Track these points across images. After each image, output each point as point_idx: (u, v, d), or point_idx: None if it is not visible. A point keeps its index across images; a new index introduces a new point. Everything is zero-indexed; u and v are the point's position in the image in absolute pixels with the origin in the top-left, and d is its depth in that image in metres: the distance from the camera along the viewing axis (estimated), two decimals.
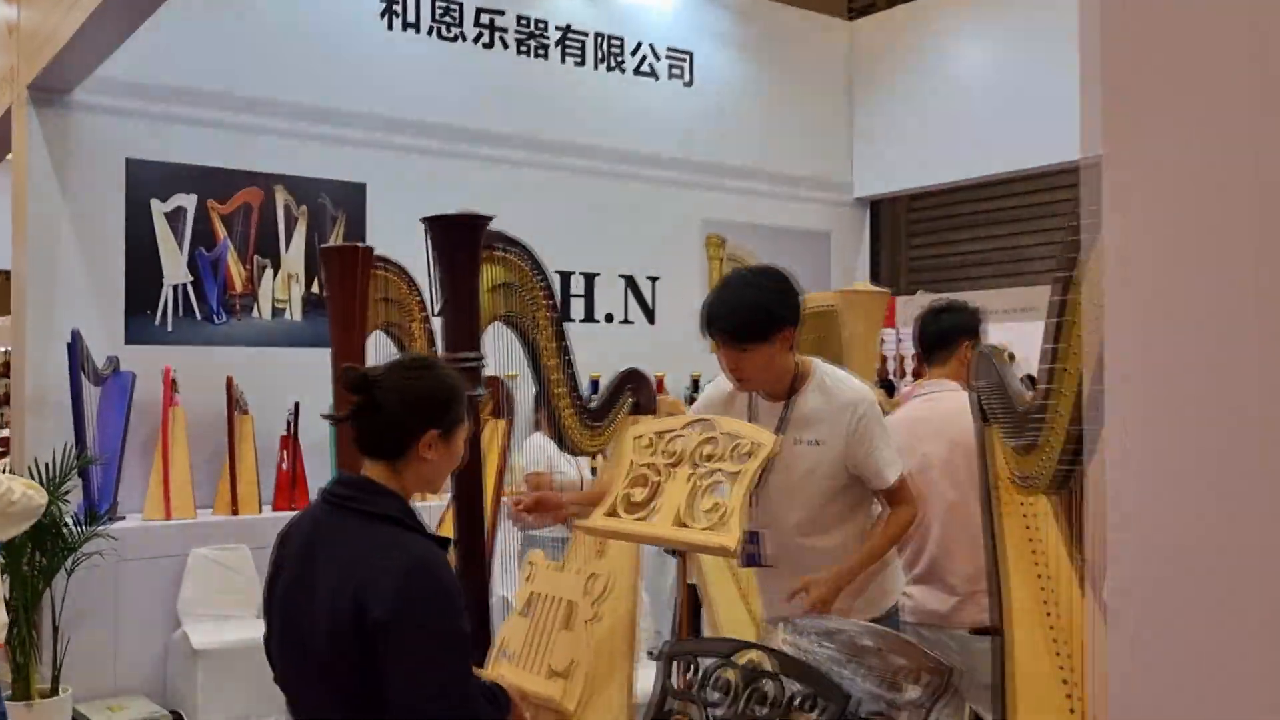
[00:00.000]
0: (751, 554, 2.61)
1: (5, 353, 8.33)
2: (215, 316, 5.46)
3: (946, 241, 10.13)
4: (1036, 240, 9.41)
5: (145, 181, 5.26)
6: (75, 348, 4.83)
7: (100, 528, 4.51)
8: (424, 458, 1.81)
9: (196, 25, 5.38)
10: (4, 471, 3.70)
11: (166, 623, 4.86)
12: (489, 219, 2.69)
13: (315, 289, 5.73)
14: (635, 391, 3.28)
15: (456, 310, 2.64)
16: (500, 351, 3.06)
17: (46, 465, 4.49)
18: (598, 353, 4.29)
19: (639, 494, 2.51)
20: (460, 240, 2.65)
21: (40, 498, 3.17)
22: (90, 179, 5.13)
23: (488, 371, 2.84)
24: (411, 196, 5.91)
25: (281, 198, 5.65)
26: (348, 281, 3.08)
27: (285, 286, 5.67)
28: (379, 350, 3.29)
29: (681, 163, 7.04)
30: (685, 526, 2.34)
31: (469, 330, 2.66)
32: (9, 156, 7.15)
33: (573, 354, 3.04)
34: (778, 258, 7.62)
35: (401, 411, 1.79)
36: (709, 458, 2.39)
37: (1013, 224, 9.52)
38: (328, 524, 1.81)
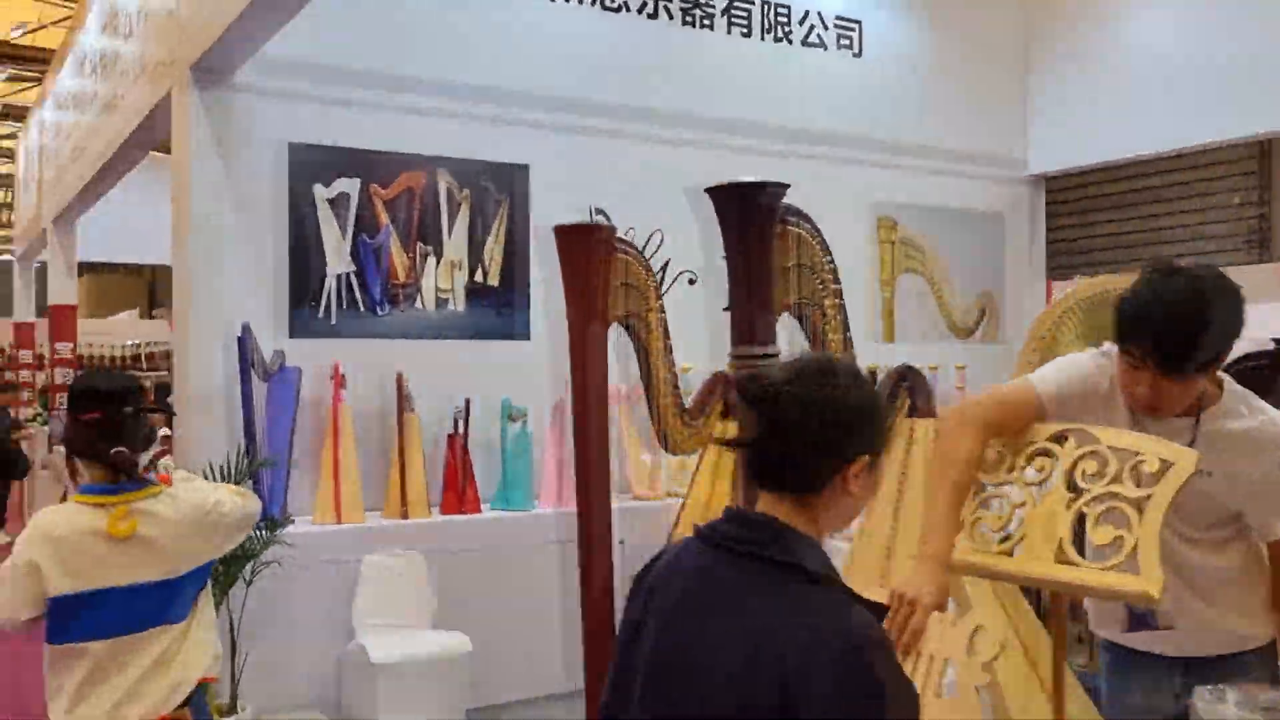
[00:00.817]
0: (1141, 612, 2.13)
1: (136, 345, 8.24)
2: (378, 308, 5.16)
3: (1116, 221, 9.46)
4: (1220, 217, 8.71)
5: (308, 166, 4.98)
6: (246, 343, 4.57)
7: (280, 533, 4.24)
8: (850, 490, 1.40)
9: (355, 2, 5.08)
10: (175, 469, 3.38)
11: (339, 633, 4.58)
12: (785, 186, 2.27)
13: (479, 278, 5.41)
14: (911, 391, 2.84)
15: (750, 296, 2.23)
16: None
17: (221, 468, 4.23)
18: None
19: (992, 521, 2.07)
20: (754, 212, 2.24)
21: (252, 504, 2.87)
22: (253, 164, 4.87)
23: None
24: (574, 177, 5.55)
25: (443, 181, 5.33)
26: (590, 266, 2.71)
27: (448, 275, 5.35)
28: (618, 344, 2.92)
29: (851, 139, 6.55)
30: (1072, 564, 1.90)
31: (764, 319, 2.25)
32: (152, 153, 7.01)
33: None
34: (949, 241, 7.08)
35: (827, 433, 1.38)
36: (1094, 477, 1.94)
37: (1195, 199, 8.83)
38: (720, 575, 1.39)
